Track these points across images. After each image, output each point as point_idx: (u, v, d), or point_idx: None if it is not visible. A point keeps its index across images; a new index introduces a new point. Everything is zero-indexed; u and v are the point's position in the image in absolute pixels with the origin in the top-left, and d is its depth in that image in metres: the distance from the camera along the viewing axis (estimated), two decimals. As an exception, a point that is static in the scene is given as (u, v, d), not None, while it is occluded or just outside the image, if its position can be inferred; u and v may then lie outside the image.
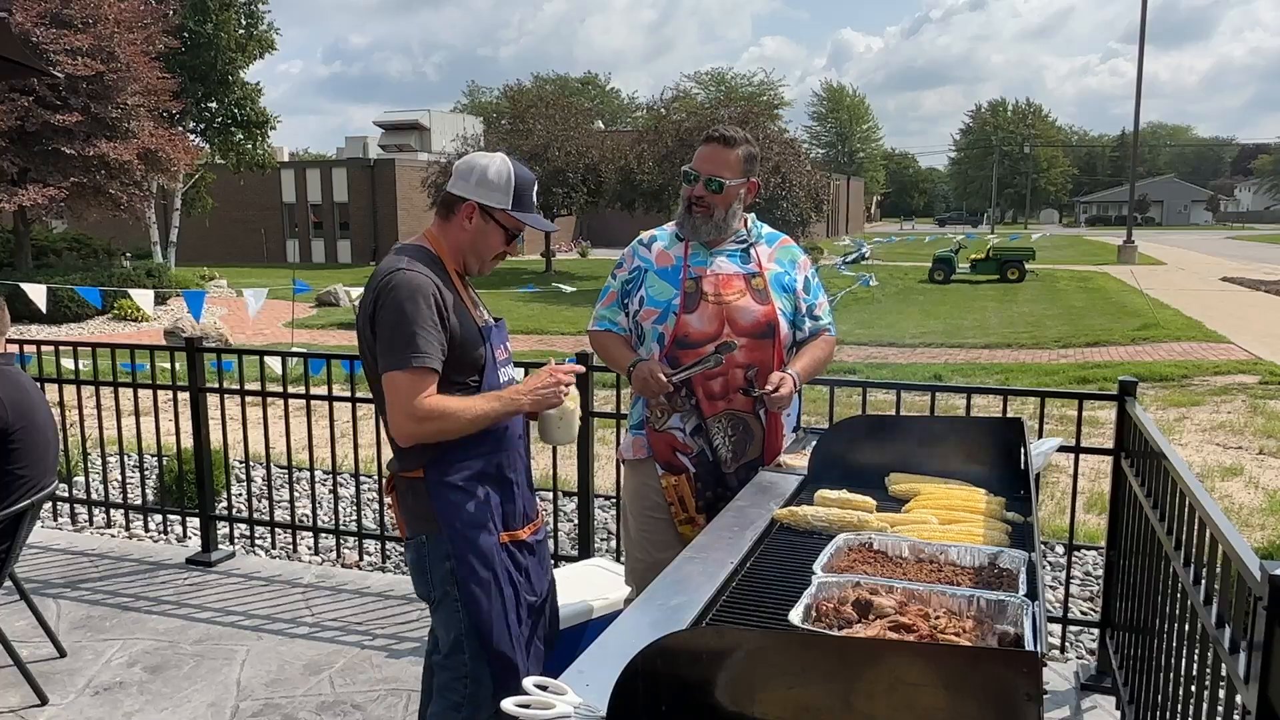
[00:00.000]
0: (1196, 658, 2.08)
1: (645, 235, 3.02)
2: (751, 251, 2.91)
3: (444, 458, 2.31)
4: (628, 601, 2.87)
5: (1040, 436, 3.51)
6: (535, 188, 2.47)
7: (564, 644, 2.81)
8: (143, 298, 8.24)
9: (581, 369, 2.62)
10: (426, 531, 2.34)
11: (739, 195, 2.85)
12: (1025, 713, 1.15)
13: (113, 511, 5.30)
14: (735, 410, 2.81)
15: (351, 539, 4.91)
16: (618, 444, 3.28)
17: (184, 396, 4.80)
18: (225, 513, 5.06)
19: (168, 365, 5.10)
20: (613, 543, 4.75)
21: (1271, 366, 11.41)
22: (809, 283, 2.98)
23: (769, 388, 2.73)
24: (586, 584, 3.13)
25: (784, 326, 2.85)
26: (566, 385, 2.43)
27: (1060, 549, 4.95)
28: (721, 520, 2.25)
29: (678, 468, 2.83)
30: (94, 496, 5.30)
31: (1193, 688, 2.12)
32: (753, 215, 2.99)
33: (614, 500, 4.64)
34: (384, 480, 2.65)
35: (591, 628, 2.88)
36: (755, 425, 2.83)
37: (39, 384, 5.07)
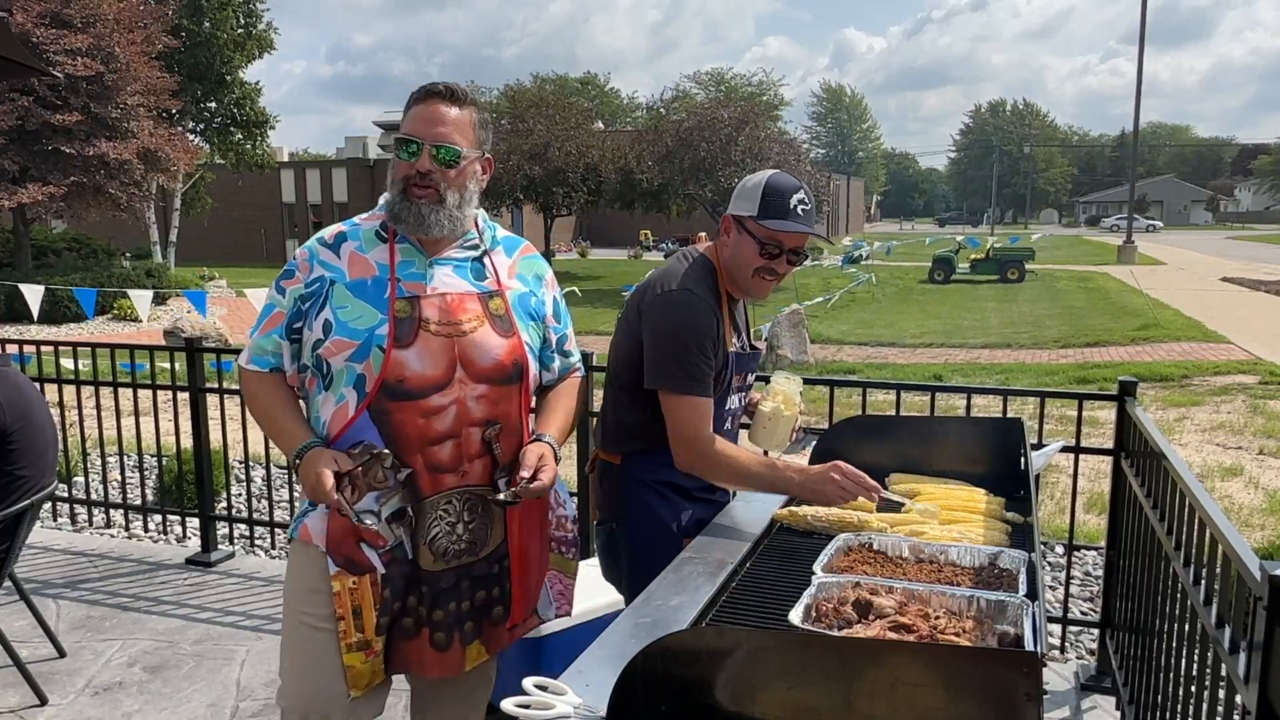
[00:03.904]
0: (1196, 658, 2.07)
1: (329, 231, 2.11)
2: (486, 262, 2.14)
3: (646, 454, 2.32)
4: (627, 602, 2.87)
5: (1040, 437, 3.51)
6: (797, 195, 2.25)
7: (564, 644, 2.81)
8: (140, 299, 8.21)
9: (878, 490, 2.16)
10: (616, 519, 2.39)
11: (475, 175, 2.08)
12: (1025, 713, 1.15)
13: (112, 511, 5.29)
14: (471, 487, 2.06)
15: (351, 539, 4.91)
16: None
17: (184, 397, 4.80)
18: (225, 513, 5.06)
19: (167, 365, 5.09)
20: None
21: (1271, 366, 11.42)
22: (558, 306, 2.29)
23: (523, 475, 2.00)
24: (587, 584, 3.13)
25: (533, 367, 2.15)
26: (849, 493, 2.15)
27: (1060, 549, 4.94)
28: (721, 520, 2.25)
29: (360, 565, 2.01)
30: (94, 496, 5.30)
31: (1193, 688, 2.12)
32: (483, 212, 2.22)
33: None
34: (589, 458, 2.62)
35: (591, 628, 2.88)
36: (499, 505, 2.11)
37: (39, 384, 5.09)
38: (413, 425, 1.98)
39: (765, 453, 2.70)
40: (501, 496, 2.01)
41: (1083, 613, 4.19)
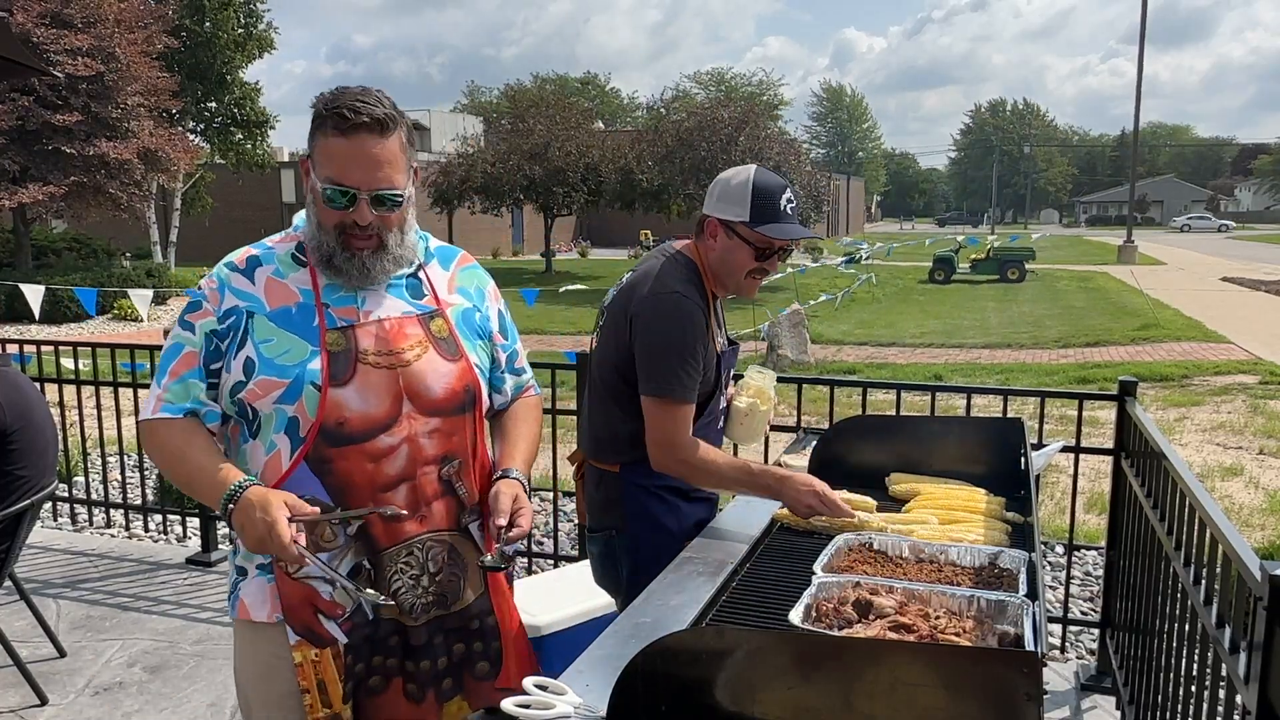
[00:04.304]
0: (1196, 658, 2.08)
1: (238, 255, 1.84)
2: (423, 277, 1.90)
3: (642, 461, 2.30)
4: (622, 609, 2.86)
5: (1040, 437, 3.51)
6: (785, 195, 2.24)
7: (564, 644, 2.81)
8: (140, 298, 8.23)
9: (853, 517, 2.12)
10: (615, 526, 2.37)
11: (412, 201, 1.83)
12: (1025, 713, 1.15)
13: (112, 511, 5.29)
14: (435, 533, 1.82)
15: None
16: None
17: (184, 396, 4.80)
18: (225, 513, 5.06)
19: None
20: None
21: (1271, 366, 11.42)
22: (504, 320, 2.03)
23: (499, 523, 1.77)
24: (586, 584, 3.13)
25: (484, 392, 1.92)
26: (827, 509, 2.13)
27: (1060, 549, 4.94)
28: (721, 521, 2.25)
29: (321, 638, 1.76)
30: (94, 496, 5.30)
31: (1193, 688, 2.12)
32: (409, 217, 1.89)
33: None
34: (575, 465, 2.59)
35: (591, 627, 2.88)
36: (468, 548, 1.87)
37: (39, 384, 5.08)
38: (360, 472, 1.73)
39: (735, 449, 2.75)
40: (486, 561, 1.75)
41: (1083, 613, 4.18)
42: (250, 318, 1.76)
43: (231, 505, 1.67)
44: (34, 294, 7.85)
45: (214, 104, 26.90)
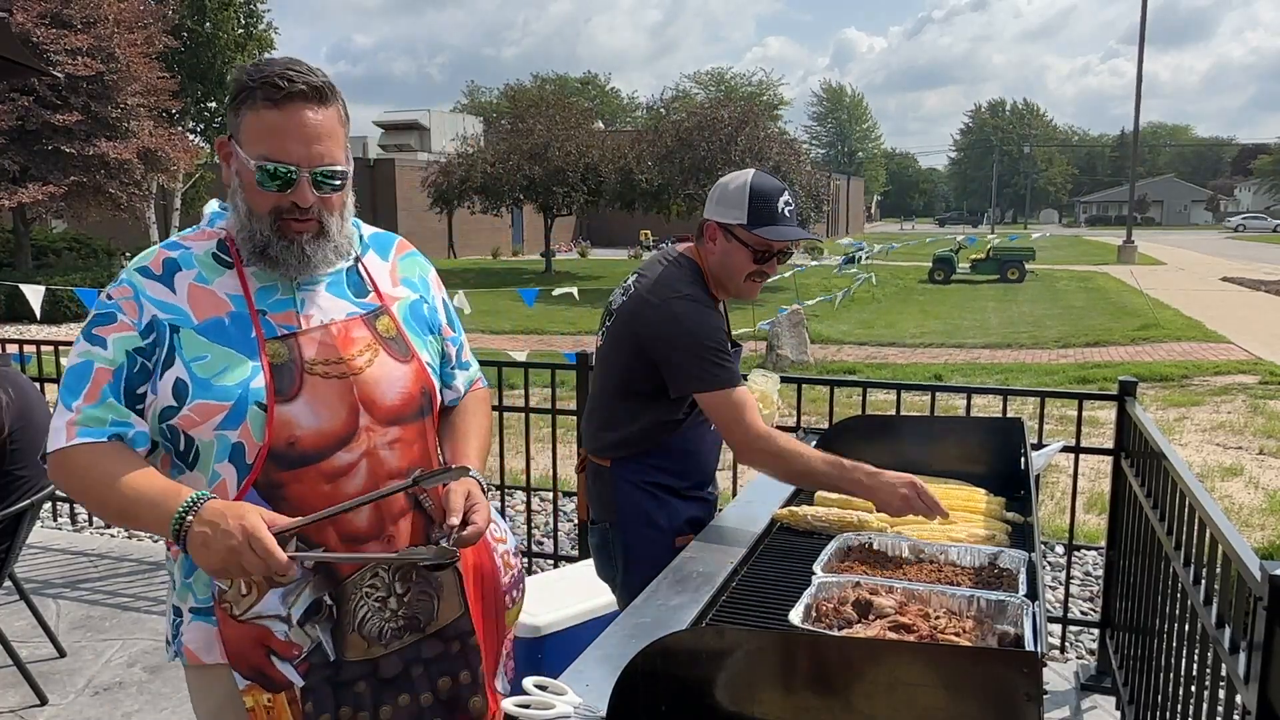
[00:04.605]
0: (1196, 658, 2.08)
1: (150, 258, 1.61)
2: (362, 270, 1.73)
3: (635, 458, 2.35)
4: (620, 600, 2.87)
5: (1040, 437, 3.51)
6: (782, 198, 2.27)
7: (564, 644, 2.81)
8: None
9: (948, 516, 2.06)
10: (609, 520, 2.41)
11: (349, 184, 1.64)
12: (1025, 713, 1.15)
13: (112, 511, 5.29)
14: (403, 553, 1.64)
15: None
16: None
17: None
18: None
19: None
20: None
21: (1271, 366, 11.42)
22: (449, 310, 1.88)
23: (452, 522, 1.57)
24: (586, 584, 3.13)
25: (437, 392, 1.77)
26: (924, 505, 2.04)
27: (1060, 549, 4.94)
28: (721, 521, 2.25)
29: (275, 682, 1.56)
30: (94, 496, 5.29)
31: (1193, 688, 2.12)
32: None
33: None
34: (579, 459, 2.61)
35: (591, 627, 2.88)
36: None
37: (39, 384, 5.08)
38: (316, 495, 1.54)
39: None
40: (426, 560, 1.50)
41: (1083, 613, 4.19)
42: (175, 332, 1.54)
43: (189, 518, 1.42)
44: (34, 294, 7.86)
45: (214, 104, 26.93)
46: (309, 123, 1.52)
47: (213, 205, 1.69)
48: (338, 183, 1.57)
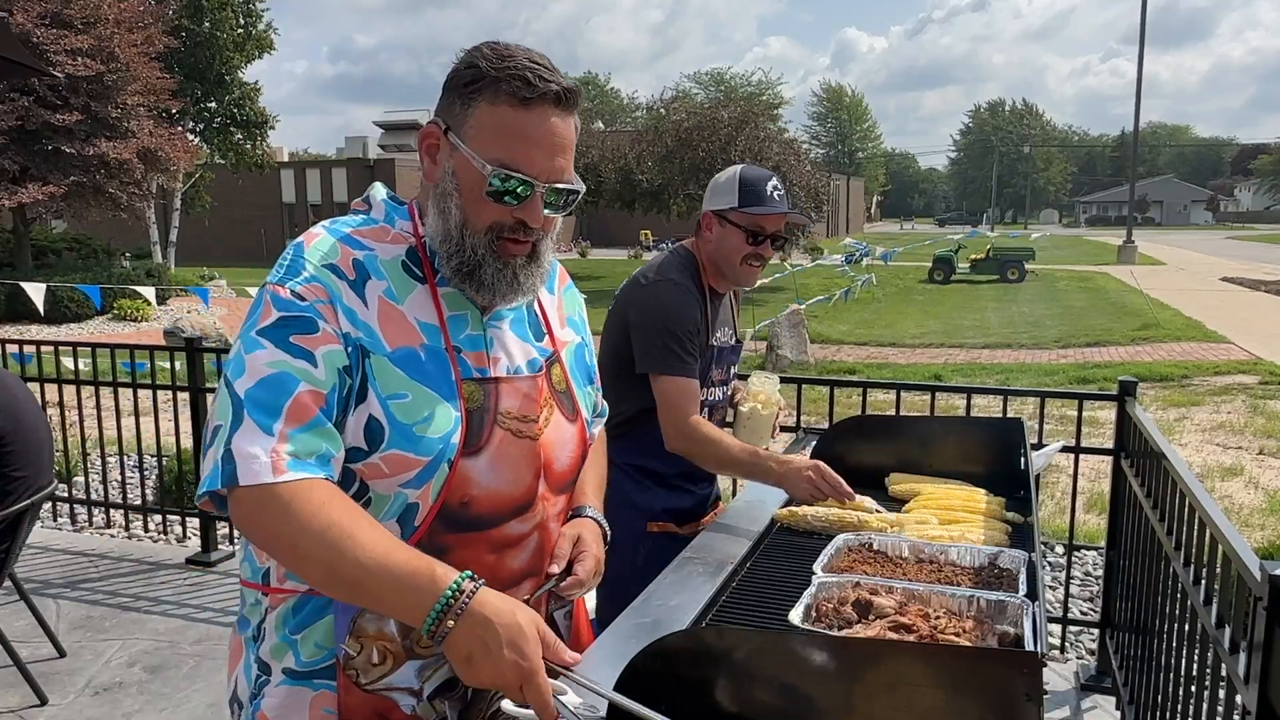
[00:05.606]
0: (1196, 658, 2.08)
1: (337, 252, 1.31)
2: (537, 308, 1.50)
3: (622, 439, 2.37)
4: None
5: (1040, 437, 3.51)
6: (771, 182, 2.38)
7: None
8: (147, 292, 8.46)
9: (853, 496, 2.10)
10: None
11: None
12: (1025, 713, 1.15)
13: (112, 511, 5.29)
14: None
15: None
16: None
17: (184, 396, 4.80)
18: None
19: (167, 365, 5.09)
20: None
21: (1271, 366, 11.42)
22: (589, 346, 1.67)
23: (552, 570, 1.44)
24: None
25: None
26: (820, 494, 2.09)
27: (1060, 549, 4.95)
28: (721, 520, 2.25)
29: None
30: (94, 496, 5.30)
31: (1193, 688, 2.12)
32: None
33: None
34: None
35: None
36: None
37: (39, 384, 5.09)
38: (478, 565, 1.28)
39: None
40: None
41: (1083, 613, 4.19)
42: (366, 357, 1.26)
43: (454, 616, 1.13)
44: (37, 292, 7.88)
45: (214, 104, 26.94)
46: (557, 131, 1.30)
47: (380, 191, 1.43)
48: (569, 204, 1.34)
